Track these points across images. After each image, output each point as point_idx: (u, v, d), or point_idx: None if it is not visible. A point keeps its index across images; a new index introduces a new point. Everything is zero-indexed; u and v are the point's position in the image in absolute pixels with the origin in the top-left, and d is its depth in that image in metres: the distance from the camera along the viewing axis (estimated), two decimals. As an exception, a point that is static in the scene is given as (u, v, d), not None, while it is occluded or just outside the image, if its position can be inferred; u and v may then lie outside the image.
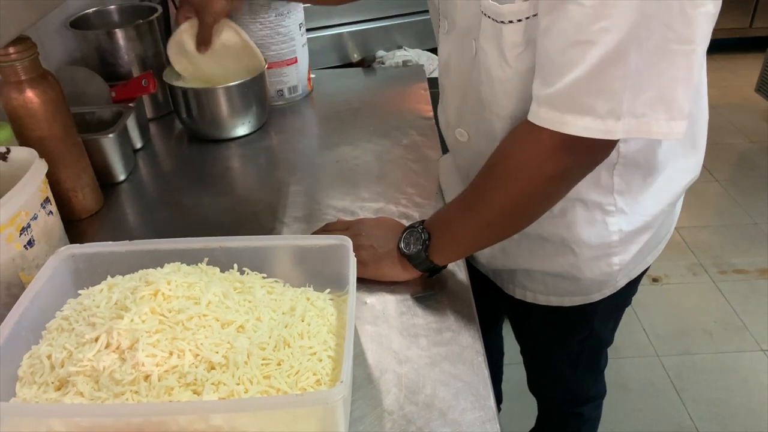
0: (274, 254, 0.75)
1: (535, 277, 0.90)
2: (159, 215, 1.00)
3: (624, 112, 0.60)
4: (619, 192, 0.80)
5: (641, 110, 0.60)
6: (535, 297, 0.93)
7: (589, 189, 0.79)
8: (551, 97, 0.63)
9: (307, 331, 0.65)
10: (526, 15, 0.65)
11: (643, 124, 0.61)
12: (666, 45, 0.58)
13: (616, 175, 0.79)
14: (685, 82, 0.60)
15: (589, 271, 0.85)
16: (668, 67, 0.59)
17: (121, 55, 1.19)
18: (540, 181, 0.69)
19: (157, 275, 0.66)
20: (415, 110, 1.26)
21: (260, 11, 1.20)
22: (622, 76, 0.59)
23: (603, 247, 0.83)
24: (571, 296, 0.90)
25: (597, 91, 0.60)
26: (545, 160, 0.67)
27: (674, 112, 0.61)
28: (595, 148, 0.66)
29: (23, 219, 0.75)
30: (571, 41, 0.59)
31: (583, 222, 0.82)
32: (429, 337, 0.74)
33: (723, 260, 2.33)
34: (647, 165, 0.80)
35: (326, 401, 0.53)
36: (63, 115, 0.90)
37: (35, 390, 0.60)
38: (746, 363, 1.93)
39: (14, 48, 0.82)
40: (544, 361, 1.13)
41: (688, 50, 0.58)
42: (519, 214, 0.74)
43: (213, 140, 1.18)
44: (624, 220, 0.82)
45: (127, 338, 0.59)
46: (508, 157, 0.71)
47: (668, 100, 0.60)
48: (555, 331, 1.01)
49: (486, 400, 0.67)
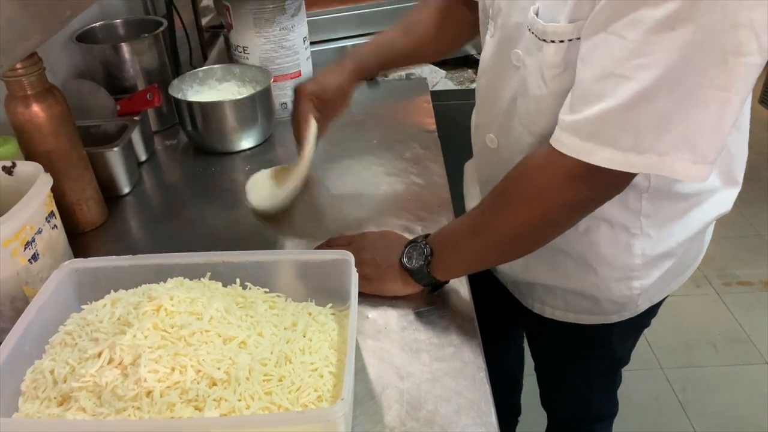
0: (276, 269, 0.75)
1: (554, 293, 0.90)
2: (163, 228, 1.01)
3: (647, 148, 0.60)
4: (646, 216, 0.79)
5: (664, 149, 0.60)
6: (553, 313, 0.92)
7: (615, 210, 0.78)
8: (577, 125, 0.62)
9: (308, 347, 0.65)
10: (570, 37, 0.65)
11: (665, 163, 0.60)
12: (700, 91, 0.57)
13: (645, 199, 0.78)
14: (715, 129, 0.59)
15: (608, 292, 0.85)
16: (699, 113, 0.58)
17: (126, 69, 1.20)
18: (553, 209, 0.69)
19: (159, 290, 0.67)
20: (419, 123, 1.27)
21: (264, 25, 1.21)
22: (651, 114, 0.58)
23: (624, 269, 0.83)
24: (589, 315, 0.89)
25: (624, 126, 0.59)
26: (561, 188, 0.67)
27: (698, 156, 0.60)
28: (613, 180, 0.65)
29: (28, 233, 0.76)
30: (606, 72, 0.59)
31: (606, 242, 0.81)
32: (431, 352, 0.75)
33: (727, 272, 2.32)
34: (678, 195, 0.79)
35: (327, 418, 0.54)
36: (68, 129, 0.90)
37: (38, 405, 0.60)
38: (750, 376, 1.92)
39: (21, 63, 0.83)
40: (558, 376, 1.11)
41: (723, 98, 0.57)
42: (527, 240, 0.74)
43: (218, 153, 1.19)
44: (648, 244, 0.81)
45: (130, 354, 0.60)
46: (523, 181, 0.70)
47: (694, 143, 0.59)
48: (571, 348, 1.00)
49: (487, 416, 0.67)
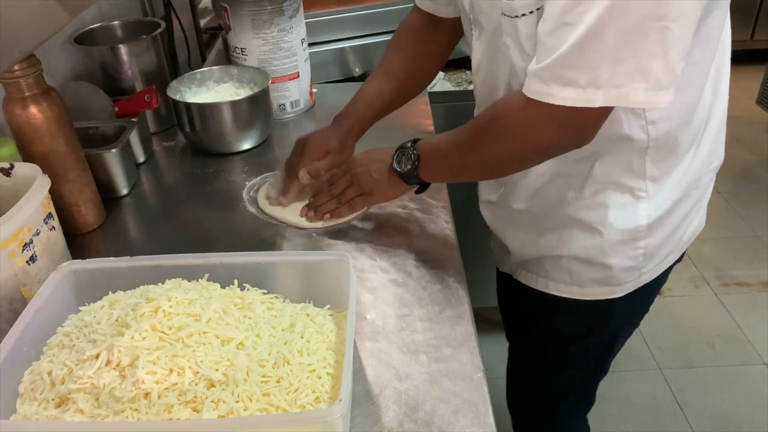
0: (274, 270, 0.75)
1: (560, 265, 0.91)
2: (161, 229, 1.01)
3: (603, 82, 0.65)
4: (651, 178, 0.83)
5: (620, 81, 0.65)
6: (558, 287, 0.94)
7: (621, 173, 0.82)
8: (540, 71, 0.69)
9: (306, 348, 0.65)
10: (537, 6, 0.72)
11: (622, 94, 0.66)
12: (641, 22, 0.62)
13: (648, 161, 0.81)
14: (660, 56, 0.64)
15: (614, 255, 0.87)
16: (643, 43, 0.64)
17: (124, 70, 1.20)
18: (524, 149, 0.77)
19: (157, 292, 0.67)
20: (417, 124, 1.27)
21: (263, 27, 1.22)
22: (600, 51, 0.64)
23: (631, 231, 0.85)
24: (594, 287, 0.91)
25: (578, 65, 0.66)
26: (533, 131, 0.74)
27: (651, 83, 0.65)
28: (582, 121, 0.71)
29: (26, 235, 0.76)
30: (558, 23, 0.66)
31: (613, 205, 0.84)
32: (429, 353, 0.75)
33: (725, 273, 2.32)
34: (677, 147, 0.82)
35: (325, 419, 0.54)
36: (66, 130, 0.90)
37: (36, 407, 0.60)
38: (749, 376, 1.92)
39: (19, 65, 0.83)
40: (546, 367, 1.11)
41: (660, 26, 0.62)
42: (498, 169, 0.85)
43: (216, 154, 1.19)
44: (653, 205, 0.84)
45: (128, 355, 0.60)
46: (499, 121, 0.78)
47: (645, 71, 0.65)
48: (568, 329, 1.00)
49: (485, 417, 0.67)
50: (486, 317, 2.10)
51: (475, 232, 1.27)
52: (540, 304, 0.98)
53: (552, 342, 1.05)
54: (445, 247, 0.92)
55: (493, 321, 2.11)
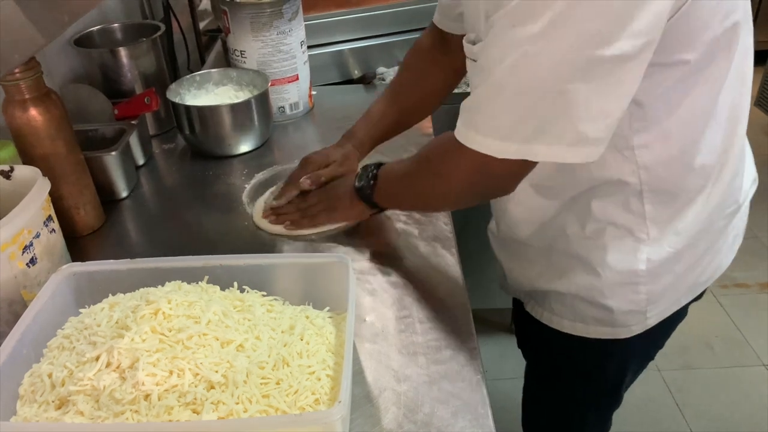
0: (274, 272, 0.75)
1: (565, 301, 0.89)
2: (160, 232, 1.01)
3: (504, 135, 0.66)
4: (652, 220, 0.79)
5: (520, 137, 0.65)
6: (562, 323, 0.91)
7: (618, 213, 0.79)
8: (461, 110, 0.71)
9: (306, 350, 0.66)
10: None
11: (522, 150, 0.66)
12: (540, 84, 0.62)
13: (647, 202, 0.78)
14: (563, 118, 0.63)
15: (613, 297, 0.84)
16: (542, 104, 0.63)
17: (124, 73, 1.20)
18: (447, 189, 0.79)
19: (157, 294, 0.67)
20: (416, 127, 1.26)
21: (262, 29, 1.22)
22: (501, 104, 0.65)
23: (629, 274, 0.82)
24: (596, 326, 0.88)
25: (483, 113, 0.67)
26: (453, 173, 0.75)
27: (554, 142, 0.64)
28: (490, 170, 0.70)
29: (26, 237, 0.76)
30: (480, 66, 0.68)
31: (612, 246, 0.81)
32: (428, 355, 0.75)
33: (724, 274, 2.29)
34: (678, 192, 0.79)
35: (324, 421, 0.54)
36: (66, 133, 0.91)
37: (36, 408, 0.60)
38: (747, 377, 1.93)
39: (19, 67, 0.83)
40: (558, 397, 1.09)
41: (560, 90, 0.61)
42: (434, 203, 0.88)
43: (216, 157, 1.19)
44: (654, 249, 0.81)
45: (128, 357, 0.60)
46: (431, 157, 0.80)
47: (546, 132, 0.64)
48: (575, 364, 0.98)
49: (484, 418, 0.67)
50: (485, 319, 2.11)
51: (475, 233, 1.27)
52: (547, 337, 0.95)
53: (563, 372, 1.03)
54: (444, 249, 0.93)
55: (492, 322, 2.12)
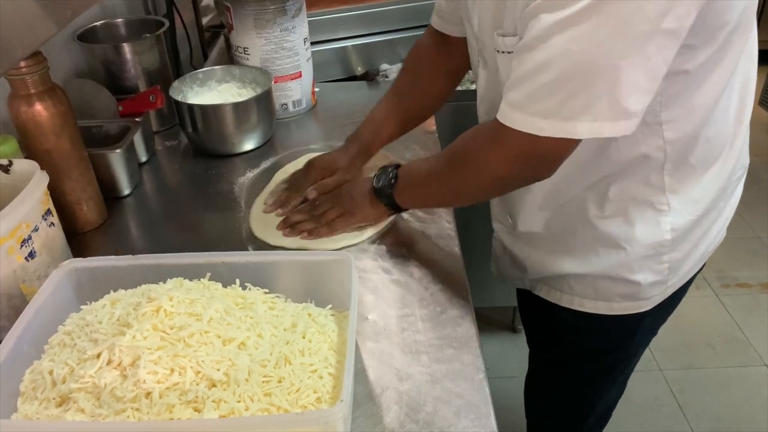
0: (276, 269, 0.75)
1: (585, 281, 0.90)
2: (162, 229, 1.01)
3: (549, 113, 0.66)
4: (671, 191, 0.81)
5: (565, 114, 0.66)
6: (583, 303, 0.92)
7: (638, 188, 0.81)
8: (505, 94, 0.71)
9: (308, 348, 0.65)
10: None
11: (569, 127, 0.66)
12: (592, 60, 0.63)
13: (666, 174, 0.80)
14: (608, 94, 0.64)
15: (640, 271, 0.86)
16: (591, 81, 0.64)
17: (127, 69, 1.20)
18: (483, 178, 0.78)
19: (159, 291, 0.67)
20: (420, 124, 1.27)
21: (265, 26, 1.21)
22: (548, 82, 0.65)
23: (655, 246, 0.84)
24: (620, 302, 0.89)
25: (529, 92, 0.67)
26: (490, 161, 0.75)
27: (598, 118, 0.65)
28: (535, 152, 0.71)
29: (24, 231, 0.75)
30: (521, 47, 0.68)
31: (636, 221, 0.83)
32: (430, 354, 0.75)
33: (726, 274, 2.32)
34: (699, 163, 0.81)
35: (326, 420, 0.54)
36: (70, 128, 0.90)
37: (37, 406, 0.60)
38: (749, 377, 1.92)
39: (25, 62, 0.83)
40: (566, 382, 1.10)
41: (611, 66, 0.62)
42: (467, 196, 0.87)
43: (218, 155, 1.19)
44: (676, 218, 0.83)
45: (129, 355, 0.60)
46: (464, 150, 0.80)
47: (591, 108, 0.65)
48: (593, 344, 0.99)
49: (487, 418, 0.67)
50: (487, 317, 2.11)
51: (477, 232, 1.27)
52: (563, 319, 0.96)
53: (574, 359, 1.04)
54: (447, 248, 0.92)
55: (493, 321, 2.12)
